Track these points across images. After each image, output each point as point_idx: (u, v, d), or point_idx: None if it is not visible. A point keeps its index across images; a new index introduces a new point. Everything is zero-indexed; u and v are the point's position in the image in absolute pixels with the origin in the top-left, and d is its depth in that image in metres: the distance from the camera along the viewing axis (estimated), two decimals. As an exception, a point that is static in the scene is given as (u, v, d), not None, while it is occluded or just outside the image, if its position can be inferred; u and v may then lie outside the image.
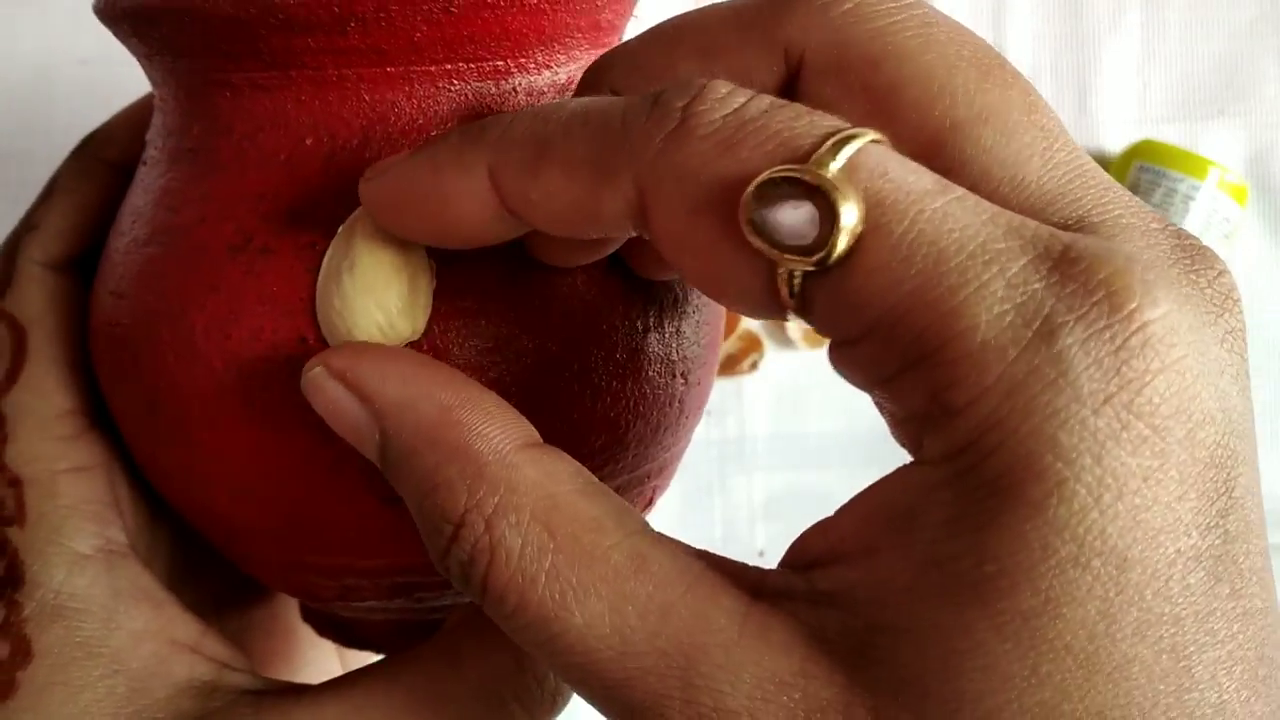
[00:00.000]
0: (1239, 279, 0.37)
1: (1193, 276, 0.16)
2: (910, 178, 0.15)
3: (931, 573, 0.15)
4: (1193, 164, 0.42)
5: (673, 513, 0.44)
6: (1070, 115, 0.45)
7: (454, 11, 0.21)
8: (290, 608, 0.30)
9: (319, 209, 0.21)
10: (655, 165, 0.16)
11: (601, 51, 0.22)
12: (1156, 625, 0.14)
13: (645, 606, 0.16)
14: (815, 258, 0.15)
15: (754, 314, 0.17)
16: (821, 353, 0.44)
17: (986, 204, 0.15)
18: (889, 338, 0.15)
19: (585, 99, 0.18)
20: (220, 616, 0.26)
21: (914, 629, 0.15)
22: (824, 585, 0.16)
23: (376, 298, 0.20)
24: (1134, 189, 0.42)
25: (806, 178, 0.15)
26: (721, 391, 0.44)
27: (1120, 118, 0.45)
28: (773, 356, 0.44)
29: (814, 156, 0.15)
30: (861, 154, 0.15)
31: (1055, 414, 0.14)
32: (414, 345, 0.21)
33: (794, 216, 0.15)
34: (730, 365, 0.43)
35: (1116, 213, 0.16)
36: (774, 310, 0.16)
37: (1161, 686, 0.15)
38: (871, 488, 0.17)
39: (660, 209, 0.16)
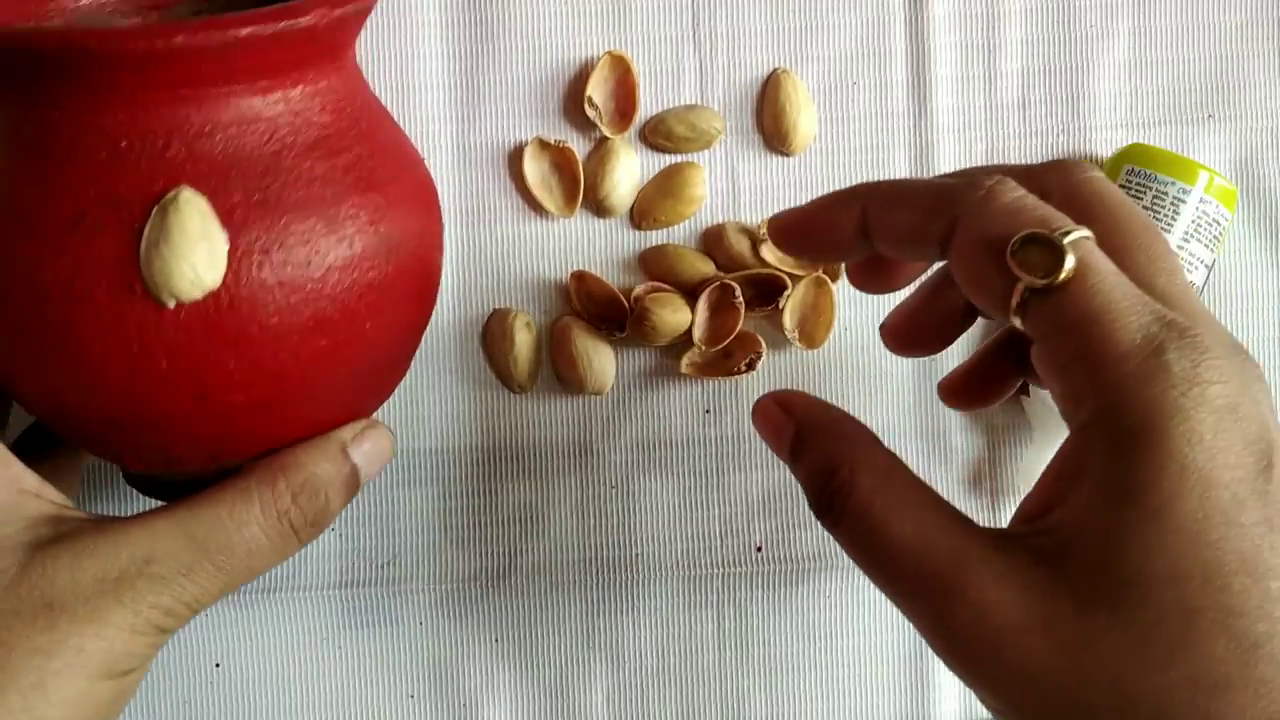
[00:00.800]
0: (1228, 282, 0.41)
1: (1240, 350, 0.26)
2: (1104, 259, 0.26)
3: (1098, 493, 0.25)
4: (1182, 168, 0.42)
5: (672, 508, 0.45)
6: (1062, 120, 0.45)
7: (229, 53, 0.29)
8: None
9: (135, 195, 0.29)
10: (969, 211, 0.27)
11: (339, 63, 0.33)
12: (1230, 518, 0.24)
13: (935, 528, 0.27)
14: (1044, 281, 0.25)
15: (990, 310, 0.28)
16: (816, 353, 0.45)
17: (1133, 286, 0.26)
18: (1070, 338, 0.26)
19: (923, 179, 0.31)
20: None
21: (1088, 529, 0.25)
22: (1040, 527, 0.26)
23: (188, 261, 0.28)
24: (1124, 192, 0.43)
25: (1052, 238, 0.26)
26: (719, 390, 0.45)
27: (1111, 122, 0.45)
28: (769, 356, 0.45)
29: (1057, 231, 0.26)
30: (1081, 239, 0.26)
31: (1161, 392, 0.24)
32: (211, 294, 0.29)
33: (1035, 256, 0.26)
34: (727, 365, 0.44)
35: (1202, 317, 0.26)
36: (1003, 310, 0.27)
37: (1236, 553, 0.24)
38: (1052, 462, 0.28)
39: (963, 235, 0.27)
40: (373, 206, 0.32)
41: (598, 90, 0.44)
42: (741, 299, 0.43)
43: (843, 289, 0.45)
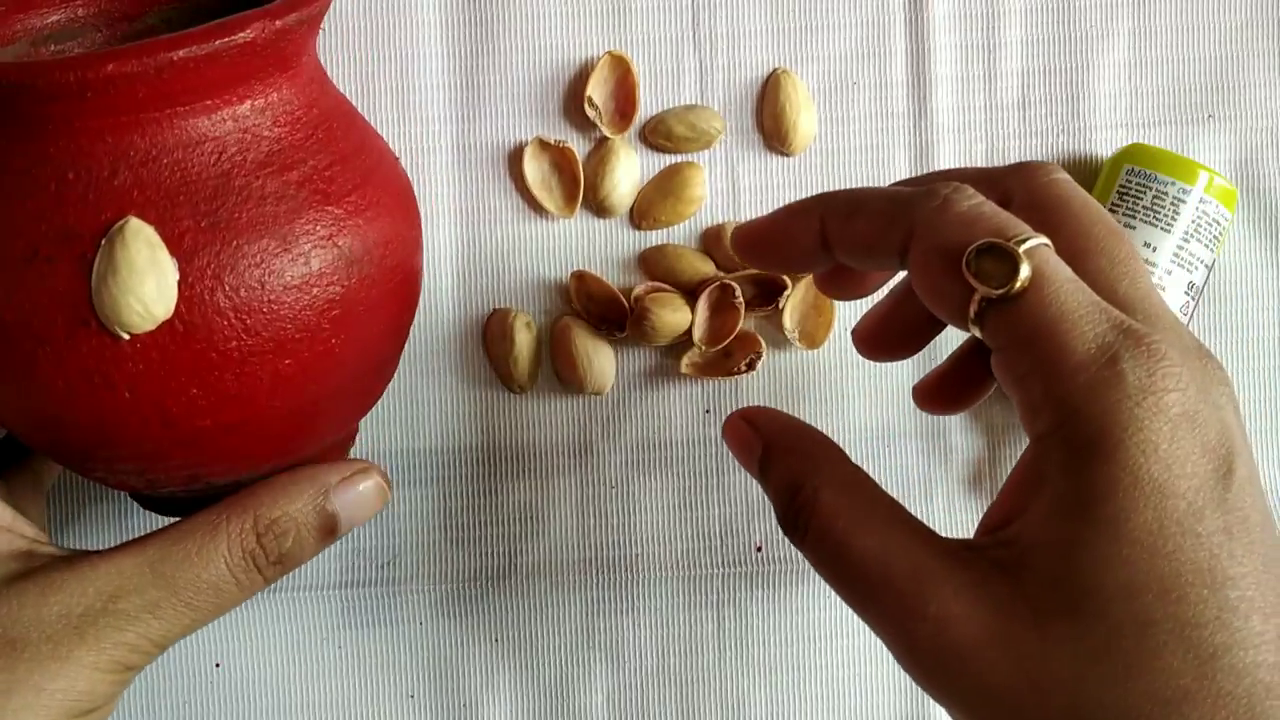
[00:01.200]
0: (1228, 282, 0.41)
1: (1202, 354, 0.26)
2: (1061, 269, 0.26)
3: (1055, 505, 0.25)
4: (1182, 168, 0.42)
5: (672, 508, 0.45)
6: (1062, 120, 0.45)
7: (165, 76, 0.28)
8: None
9: (84, 226, 0.28)
10: (924, 221, 0.27)
11: (291, 72, 0.31)
12: (1188, 529, 0.24)
13: (898, 543, 0.27)
14: (999, 291, 0.25)
15: (950, 320, 0.27)
16: (816, 353, 0.45)
17: (1091, 293, 0.26)
18: (1026, 348, 0.25)
19: (881, 188, 0.30)
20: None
21: (1045, 542, 0.25)
22: (1001, 539, 0.26)
23: (135, 294, 0.28)
24: (1124, 193, 0.43)
25: (1007, 247, 0.25)
26: (719, 390, 0.45)
27: (1111, 122, 0.45)
28: (769, 356, 0.45)
29: (1012, 239, 0.26)
30: (1038, 247, 0.26)
31: (1115, 402, 0.24)
32: (164, 323, 0.28)
33: (990, 265, 0.25)
34: (727, 365, 0.44)
35: (1168, 322, 0.26)
36: (961, 320, 0.27)
37: (1195, 565, 0.23)
38: (1013, 472, 0.28)
39: (919, 245, 0.27)
40: (330, 220, 0.31)
41: (598, 90, 0.44)
42: (741, 299, 0.43)
43: (843, 289, 0.45)
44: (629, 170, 0.44)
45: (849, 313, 0.45)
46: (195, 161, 0.29)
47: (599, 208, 0.44)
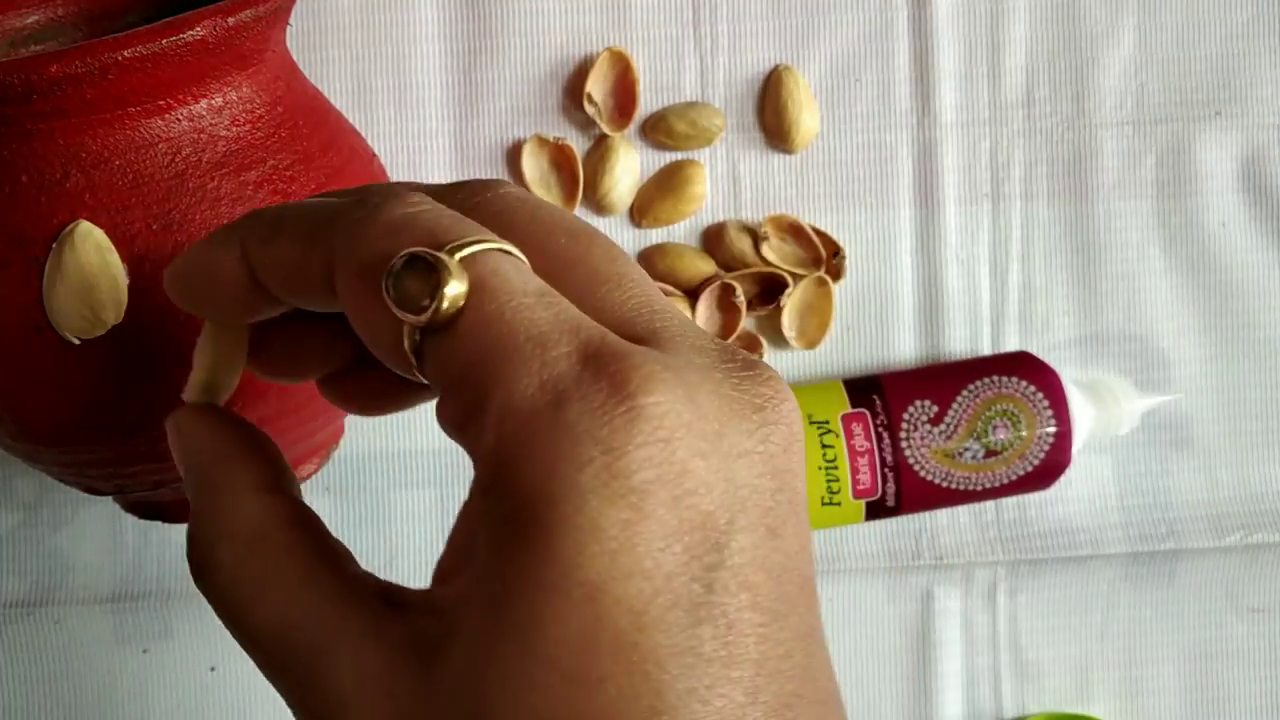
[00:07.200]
0: (1236, 281, 0.40)
1: (734, 380, 0.20)
2: (516, 279, 0.19)
3: (475, 588, 0.19)
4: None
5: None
6: (1067, 116, 0.45)
7: (111, 77, 0.27)
8: None
9: (36, 230, 0.28)
10: (345, 234, 0.20)
11: (252, 70, 0.31)
12: (631, 651, 0.17)
13: (305, 609, 0.21)
14: (422, 318, 0.19)
15: (393, 365, 0.21)
16: (816, 352, 0.44)
17: (566, 308, 0.19)
18: (460, 391, 0.19)
19: (314, 199, 0.23)
20: None
21: (460, 632, 0.19)
22: (433, 601, 0.20)
23: (83, 300, 0.28)
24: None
25: (428, 257, 0.19)
26: (719, 391, 0.44)
27: (1117, 119, 0.45)
28: (770, 356, 0.44)
29: (447, 247, 0.19)
30: (484, 254, 0.19)
31: (550, 468, 0.18)
32: (116, 327, 0.28)
33: (414, 284, 0.19)
34: (728, 364, 0.44)
35: (673, 331, 0.20)
36: (403, 362, 0.20)
37: (634, 705, 0.17)
38: (458, 519, 0.21)
39: (339, 273, 0.20)
40: None
41: (597, 87, 0.44)
42: (743, 298, 0.43)
43: (843, 288, 0.44)
44: (629, 168, 0.44)
45: (847, 313, 0.44)
46: (148, 163, 0.29)
47: (598, 206, 0.44)
